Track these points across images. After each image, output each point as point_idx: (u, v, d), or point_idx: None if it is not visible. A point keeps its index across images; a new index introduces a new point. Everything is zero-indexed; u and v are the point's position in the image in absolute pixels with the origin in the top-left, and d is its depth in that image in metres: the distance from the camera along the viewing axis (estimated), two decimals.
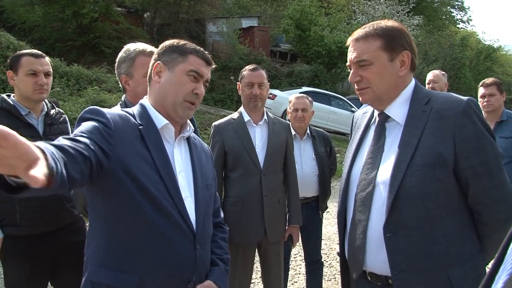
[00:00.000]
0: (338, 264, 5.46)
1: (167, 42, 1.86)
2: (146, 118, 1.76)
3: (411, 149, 1.74)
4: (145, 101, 1.84)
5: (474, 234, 1.79)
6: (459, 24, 48.12)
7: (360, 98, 1.91)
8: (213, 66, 1.91)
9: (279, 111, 14.08)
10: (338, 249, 5.91)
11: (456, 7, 48.30)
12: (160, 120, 1.77)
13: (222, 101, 19.08)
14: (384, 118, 1.91)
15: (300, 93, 4.46)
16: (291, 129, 3.68)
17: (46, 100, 2.95)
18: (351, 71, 1.90)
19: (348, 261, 1.96)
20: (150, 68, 1.85)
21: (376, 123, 1.95)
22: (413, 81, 1.91)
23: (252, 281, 3.35)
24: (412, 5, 29.60)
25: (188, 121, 1.90)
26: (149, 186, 1.62)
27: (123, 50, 2.48)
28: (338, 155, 7.47)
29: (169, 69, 1.78)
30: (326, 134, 4.28)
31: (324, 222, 4.31)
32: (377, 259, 1.80)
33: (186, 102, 1.78)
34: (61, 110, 3.07)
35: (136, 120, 1.73)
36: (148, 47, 2.47)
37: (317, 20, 23.65)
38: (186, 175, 1.82)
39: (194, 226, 1.74)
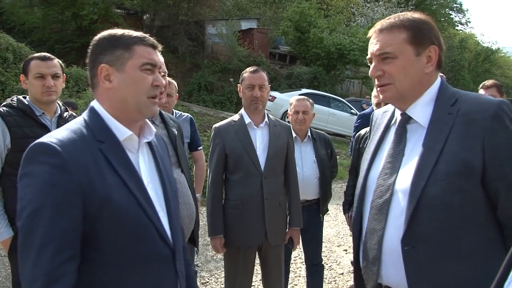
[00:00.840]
0: (338, 266, 5.48)
1: (100, 38, 1.61)
2: (105, 131, 1.54)
3: (435, 155, 1.58)
4: (99, 107, 1.59)
5: (503, 251, 1.57)
6: (457, 26, 48.20)
7: (381, 96, 1.76)
8: (160, 48, 1.70)
9: (279, 113, 14.06)
10: (339, 253, 5.91)
11: (454, 9, 48.37)
12: (121, 132, 1.57)
13: (221, 103, 19.09)
14: (406, 119, 1.76)
15: (300, 95, 4.44)
16: (292, 131, 3.66)
17: (59, 103, 3.06)
18: (372, 65, 1.74)
19: (363, 272, 1.84)
20: (90, 73, 1.62)
21: (397, 124, 1.80)
22: (438, 80, 1.75)
23: (252, 284, 3.33)
24: (411, 7, 29.67)
25: (147, 120, 1.72)
26: (128, 217, 1.46)
27: None
28: (337, 157, 7.45)
29: (118, 69, 1.56)
30: (327, 136, 4.27)
31: (324, 224, 4.29)
32: (393, 273, 1.67)
33: (150, 99, 1.60)
34: (74, 114, 3.17)
35: (93, 134, 1.51)
36: None
37: (316, 22, 23.68)
38: (154, 187, 1.66)
39: (171, 242, 1.63)
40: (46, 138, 1.41)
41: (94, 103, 1.61)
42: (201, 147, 4.21)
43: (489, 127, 1.54)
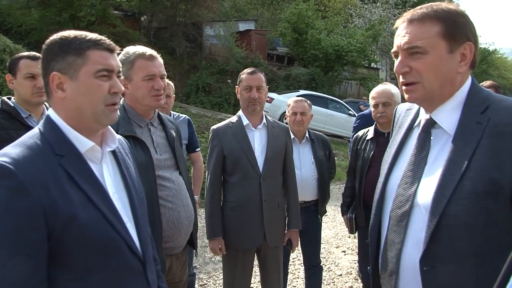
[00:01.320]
0: (337, 268, 5.47)
1: (51, 42, 1.49)
2: (64, 143, 1.44)
3: (459, 170, 1.43)
4: (55, 117, 1.48)
5: None
6: None
7: (406, 96, 1.59)
8: (118, 51, 1.58)
9: (277, 115, 14.06)
10: (337, 254, 5.90)
11: None
12: (82, 143, 1.47)
13: (219, 104, 19.07)
14: (431, 123, 1.60)
15: (298, 96, 4.43)
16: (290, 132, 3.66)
17: (46, 104, 2.95)
18: (398, 60, 1.56)
19: (381, 282, 1.74)
20: (43, 80, 1.51)
21: (421, 127, 1.65)
22: (469, 81, 1.58)
23: (251, 286, 3.32)
24: (409, 8, 29.49)
25: (109, 127, 1.63)
26: (95, 233, 1.39)
27: (122, 53, 2.43)
28: (335, 158, 7.42)
29: (71, 77, 1.45)
30: (325, 137, 4.26)
31: (323, 225, 4.29)
32: None
33: (108, 107, 1.50)
34: None
35: (52, 148, 1.40)
36: (148, 50, 2.42)
37: (314, 23, 23.68)
38: (120, 197, 1.58)
39: (141, 254, 1.57)
40: None
41: (50, 113, 1.51)
42: (199, 149, 4.20)
43: None
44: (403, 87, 1.58)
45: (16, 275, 1.26)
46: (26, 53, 2.88)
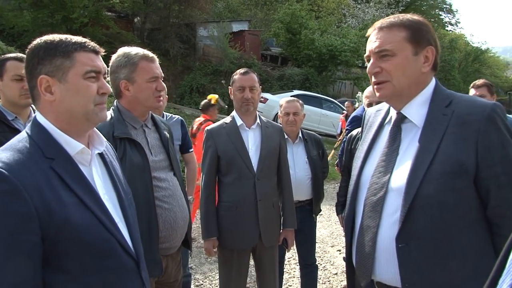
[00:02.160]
0: (332, 267, 5.49)
1: (36, 46, 1.50)
2: (54, 146, 1.45)
3: (430, 155, 1.62)
4: (43, 120, 1.49)
5: (492, 248, 1.64)
6: (447, 26, 48.60)
7: (377, 94, 1.78)
8: (102, 52, 1.59)
9: (271, 115, 14.07)
10: (333, 253, 5.92)
11: (444, 10, 48.81)
12: (72, 146, 1.48)
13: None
14: (401, 119, 1.80)
15: (292, 96, 4.45)
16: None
17: (33, 106, 2.92)
18: (370, 62, 1.77)
19: (356, 269, 1.87)
20: (29, 84, 1.53)
21: (392, 123, 1.83)
22: (433, 81, 1.79)
23: (247, 286, 3.33)
24: (402, 8, 29.86)
25: (95, 129, 1.65)
26: (89, 235, 1.41)
27: (120, 54, 2.42)
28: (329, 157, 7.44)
29: (60, 80, 1.46)
30: (318, 137, 4.28)
31: (318, 225, 4.30)
32: (387, 269, 1.71)
33: (97, 106, 1.53)
34: None
35: (42, 151, 1.41)
36: (147, 52, 2.43)
37: (307, 23, 23.72)
38: (110, 197, 1.60)
39: (134, 253, 1.60)
40: None
41: (38, 116, 1.51)
42: (192, 149, 4.20)
43: (483, 129, 1.58)
44: (375, 86, 1.78)
45: (12, 278, 1.26)
46: (13, 55, 2.84)
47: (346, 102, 15.16)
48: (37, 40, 1.52)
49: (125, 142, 2.31)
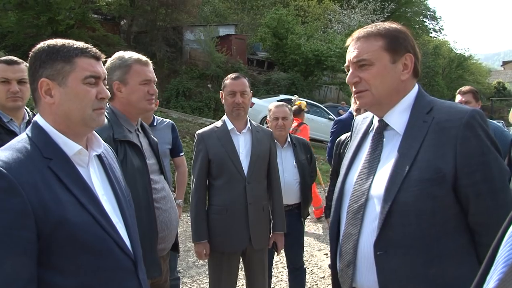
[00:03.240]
0: (320, 270, 5.53)
1: (39, 50, 1.53)
2: (51, 146, 1.48)
3: (408, 162, 1.60)
4: (43, 122, 1.52)
5: (474, 256, 1.61)
6: (431, 33, 49.33)
7: (358, 102, 1.78)
8: (104, 59, 1.63)
9: (257, 119, 14.10)
10: (320, 257, 5.96)
11: (428, 16, 49.48)
12: (70, 147, 1.51)
13: (199, 109, 19.03)
14: (383, 126, 1.79)
15: (278, 101, 4.49)
16: None
17: (27, 109, 2.93)
18: (349, 72, 1.76)
19: (339, 275, 1.86)
20: (31, 86, 1.56)
21: (374, 130, 1.83)
22: (415, 88, 1.78)
23: None
24: (387, 14, 30.18)
25: (94, 132, 1.67)
26: (85, 234, 1.43)
27: (115, 57, 2.48)
28: (316, 162, 7.44)
29: (60, 84, 1.50)
30: (306, 141, 4.32)
31: (305, 229, 4.34)
32: (367, 277, 1.69)
33: (95, 111, 1.55)
34: None
35: (40, 152, 1.44)
36: (141, 56, 2.49)
37: (294, 28, 23.88)
38: (108, 198, 1.63)
39: (132, 253, 1.62)
40: None
41: (38, 118, 1.55)
42: (182, 153, 4.21)
43: (461, 135, 1.56)
44: (355, 95, 1.78)
45: (6, 274, 1.28)
46: (2, 58, 2.85)
47: (340, 111, 15.25)
48: (41, 44, 1.55)
49: (125, 145, 2.34)
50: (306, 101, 17.72)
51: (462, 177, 1.56)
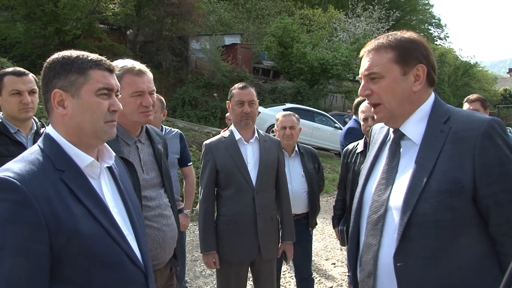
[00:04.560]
0: (327, 280, 5.49)
1: (53, 61, 1.54)
2: (64, 159, 1.48)
3: (426, 173, 1.59)
4: (55, 133, 1.53)
5: (496, 266, 1.59)
6: (437, 41, 49.37)
7: (375, 117, 1.80)
8: (117, 71, 1.64)
9: (263, 128, 14.09)
10: (327, 266, 5.92)
11: (433, 24, 49.62)
12: (82, 158, 1.51)
13: (205, 118, 19.06)
14: (399, 136, 1.78)
15: (284, 109, 4.48)
16: None
17: (35, 119, 2.94)
18: (362, 84, 1.78)
19: (359, 286, 1.86)
20: (43, 97, 1.56)
21: (391, 140, 1.83)
22: (432, 97, 1.76)
23: None
24: (392, 22, 30.13)
25: (106, 144, 1.68)
26: (97, 246, 1.43)
27: None
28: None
29: (73, 95, 1.50)
30: (314, 150, 4.32)
31: (313, 238, 4.32)
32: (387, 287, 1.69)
33: (107, 123, 1.56)
34: None
35: (52, 163, 1.44)
36: (137, 65, 2.36)
37: (299, 37, 23.89)
38: (119, 210, 1.63)
39: (143, 265, 1.61)
40: (2, 173, 1.32)
41: (50, 130, 1.55)
42: (191, 163, 4.21)
43: (479, 145, 1.54)
44: (372, 109, 1.81)
45: (20, 286, 1.28)
46: (10, 69, 2.86)
47: (346, 119, 15.20)
48: (56, 55, 1.56)
49: (117, 159, 2.26)
50: (313, 109, 17.81)
51: (481, 188, 1.54)
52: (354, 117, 4.94)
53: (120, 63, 2.34)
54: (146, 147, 2.49)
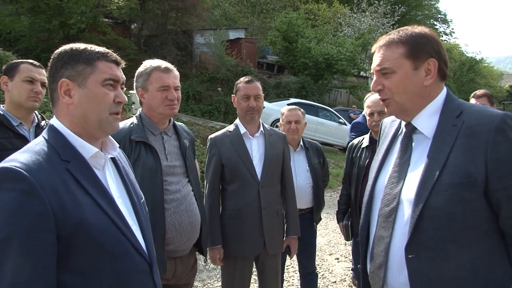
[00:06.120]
0: (331, 275, 5.49)
1: (61, 52, 1.57)
2: (69, 149, 1.50)
3: (438, 166, 1.62)
4: (59, 124, 1.55)
5: (506, 259, 1.65)
6: (442, 36, 49.06)
7: (386, 110, 1.84)
8: (123, 64, 1.67)
9: (267, 122, 14.08)
10: (331, 261, 5.92)
11: (439, 20, 49.33)
12: (87, 149, 1.53)
13: (209, 112, 19.06)
14: (411, 130, 1.81)
15: (288, 104, 4.45)
16: None
17: (36, 112, 2.96)
18: (373, 79, 1.82)
19: (370, 277, 1.89)
20: (50, 87, 1.59)
21: (403, 134, 1.86)
22: (444, 91, 1.79)
23: None
24: (397, 17, 30.01)
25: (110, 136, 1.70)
26: (103, 236, 1.44)
27: (142, 65, 2.66)
28: None
29: (80, 85, 1.53)
30: (319, 145, 4.31)
31: (316, 233, 4.32)
32: (398, 280, 1.72)
33: (112, 115, 1.58)
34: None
35: (58, 154, 1.46)
36: (164, 63, 2.65)
37: (304, 32, 23.84)
38: (124, 201, 1.65)
39: (147, 255, 1.63)
40: (9, 163, 1.34)
41: (54, 121, 1.56)
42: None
43: (492, 140, 1.56)
44: (382, 102, 1.85)
45: (26, 276, 1.28)
46: (28, 60, 2.94)
47: (351, 114, 15.11)
48: (64, 46, 1.59)
49: (141, 145, 2.50)
50: (317, 105, 17.78)
51: (493, 182, 1.57)
52: (363, 112, 4.93)
53: (149, 62, 2.67)
54: (172, 139, 2.74)
